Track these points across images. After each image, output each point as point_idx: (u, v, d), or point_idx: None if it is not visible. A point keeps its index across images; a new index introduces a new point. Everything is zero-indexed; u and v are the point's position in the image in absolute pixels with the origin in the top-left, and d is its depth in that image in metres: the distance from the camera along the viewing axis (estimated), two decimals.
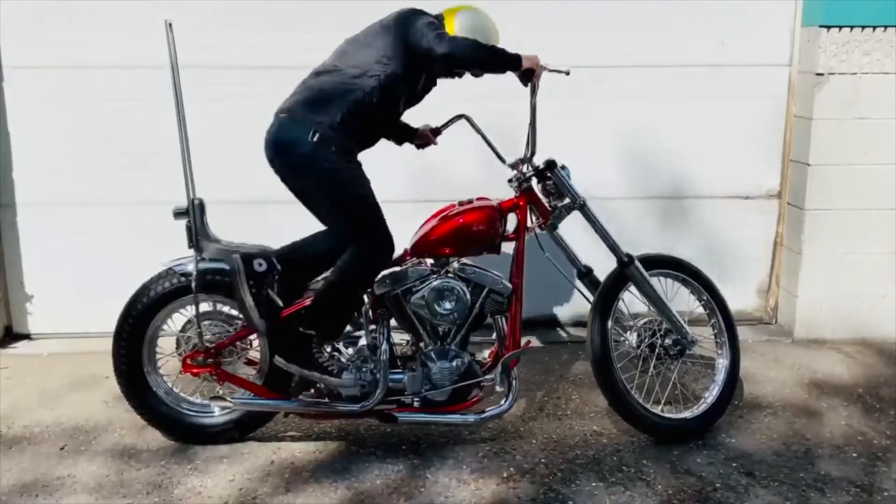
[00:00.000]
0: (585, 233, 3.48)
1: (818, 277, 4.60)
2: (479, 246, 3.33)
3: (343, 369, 3.30)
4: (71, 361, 4.29)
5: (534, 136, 3.33)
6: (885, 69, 4.35)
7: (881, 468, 3.29)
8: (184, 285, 3.27)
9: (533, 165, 3.38)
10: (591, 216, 3.42)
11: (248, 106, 4.41)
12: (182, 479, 3.18)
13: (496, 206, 3.36)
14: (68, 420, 3.67)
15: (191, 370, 3.34)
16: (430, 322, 3.31)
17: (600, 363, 3.40)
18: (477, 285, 3.32)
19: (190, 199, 3.22)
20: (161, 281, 3.32)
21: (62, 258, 4.57)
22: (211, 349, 3.31)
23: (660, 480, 3.19)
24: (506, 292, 3.32)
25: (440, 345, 3.33)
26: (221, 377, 3.35)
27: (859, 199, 4.49)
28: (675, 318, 3.48)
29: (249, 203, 4.43)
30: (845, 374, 4.20)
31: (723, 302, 3.62)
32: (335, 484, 3.14)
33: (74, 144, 4.47)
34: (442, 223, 3.31)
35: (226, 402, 3.32)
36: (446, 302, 3.27)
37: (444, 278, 3.28)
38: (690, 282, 3.60)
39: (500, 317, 3.38)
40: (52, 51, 4.36)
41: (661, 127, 4.64)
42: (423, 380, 3.31)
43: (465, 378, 3.31)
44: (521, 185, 3.38)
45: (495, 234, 3.33)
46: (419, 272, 3.31)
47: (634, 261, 3.42)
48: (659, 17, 4.52)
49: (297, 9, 4.39)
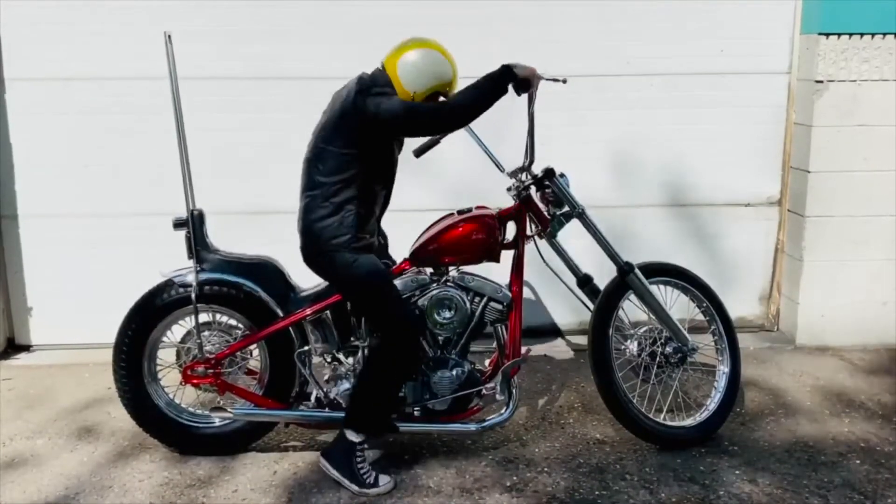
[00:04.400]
0: (585, 240, 3.48)
1: (819, 284, 4.60)
2: (479, 255, 3.33)
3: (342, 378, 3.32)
4: (73, 372, 4.29)
5: (532, 145, 3.32)
6: (884, 76, 4.37)
7: (884, 475, 3.28)
8: (183, 296, 3.27)
9: (532, 174, 3.38)
10: (590, 224, 3.42)
11: (249, 118, 4.46)
12: (185, 490, 3.18)
13: (495, 215, 3.36)
14: (69, 430, 3.67)
15: (191, 381, 3.34)
16: (430, 331, 3.30)
17: (602, 373, 3.40)
18: (477, 294, 3.32)
19: (189, 210, 3.23)
20: (160, 292, 3.31)
21: (63, 269, 4.58)
22: (211, 359, 3.31)
23: (663, 489, 3.18)
24: (506, 301, 3.33)
25: (440, 353, 3.33)
26: (222, 388, 3.35)
27: (859, 205, 4.50)
28: (675, 326, 3.47)
29: (250, 213, 4.44)
30: (847, 381, 4.19)
31: (723, 309, 3.62)
32: (338, 494, 3.14)
33: (76, 156, 4.48)
34: (441, 232, 3.30)
35: (226, 412, 3.31)
36: (446, 311, 3.27)
37: (444, 287, 3.29)
38: (690, 289, 3.60)
39: (500, 325, 3.38)
40: (54, 63, 4.39)
41: (662, 135, 4.65)
42: (423, 389, 3.30)
43: (466, 387, 3.31)
44: (520, 193, 3.37)
45: (494, 242, 3.32)
46: (419, 281, 3.31)
47: (634, 269, 3.42)
48: (658, 27, 4.53)
49: (299, 20, 4.41)
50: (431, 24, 4.33)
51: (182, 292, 3.27)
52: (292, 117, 3.72)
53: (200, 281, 3.24)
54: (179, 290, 3.28)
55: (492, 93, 3.04)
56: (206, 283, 3.27)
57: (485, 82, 3.05)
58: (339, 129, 3.07)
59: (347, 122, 3.05)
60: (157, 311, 3.32)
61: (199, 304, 3.25)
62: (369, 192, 3.15)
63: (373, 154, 3.11)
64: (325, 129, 3.12)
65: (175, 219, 3.27)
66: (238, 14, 4.38)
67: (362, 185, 3.10)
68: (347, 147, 3.06)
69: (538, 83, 3.19)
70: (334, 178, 3.07)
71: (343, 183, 3.07)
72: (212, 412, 3.35)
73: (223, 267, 3.31)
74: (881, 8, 4.28)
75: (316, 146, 3.13)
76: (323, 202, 3.09)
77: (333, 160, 3.07)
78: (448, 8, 4.41)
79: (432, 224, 3.43)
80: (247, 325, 3.38)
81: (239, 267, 3.33)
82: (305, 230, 3.16)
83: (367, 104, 3.01)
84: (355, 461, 3.15)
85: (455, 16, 4.39)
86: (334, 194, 3.07)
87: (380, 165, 3.17)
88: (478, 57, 4.54)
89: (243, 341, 3.36)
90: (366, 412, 3.17)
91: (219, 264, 3.30)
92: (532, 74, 3.14)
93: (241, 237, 3.63)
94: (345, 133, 3.06)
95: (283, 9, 4.38)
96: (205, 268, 3.28)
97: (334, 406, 3.32)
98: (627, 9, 4.50)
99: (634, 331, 3.53)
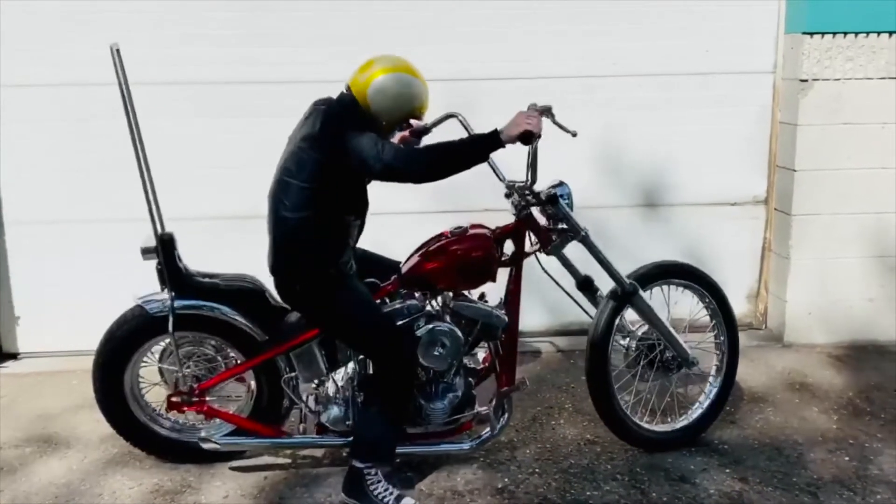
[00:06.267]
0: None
1: (806, 282, 4.62)
2: (476, 278, 3.19)
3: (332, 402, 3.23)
4: (61, 380, 4.26)
5: (535, 164, 3.11)
6: (868, 75, 4.39)
7: (873, 471, 3.30)
8: (156, 324, 3.14)
9: (534, 193, 3.19)
10: (592, 246, 3.25)
11: (234, 123, 4.44)
12: (175, 497, 3.16)
13: (491, 235, 3.21)
14: (58, 437, 3.65)
15: (177, 409, 3.26)
16: (422, 364, 3.15)
17: (600, 400, 3.37)
18: (472, 320, 3.20)
19: (157, 236, 3.08)
20: (129, 322, 3.20)
21: (50, 277, 4.55)
22: (195, 389, 3.23)
23: (654, 488, 3.19)
24: (501, 325, 3.20)
25: (433, 378, 3.20)
26: (209, 414, 3.28)
27: (845, 203, 4.53)
28: (676, 340, 3.38)
29: (235, 218, 4.41)
30: (835, 378, 4.22)
31: (729, 311, 3.54)
32: (330, 499, 3.13)
33: (61, 162, 4.46)
34: (435, 254, 3.16)
35: (214, 444, 3.24)
36: (439, 347, 3.12)
37: (436, 322, 3.14)
38: (698, 289, 3.50)
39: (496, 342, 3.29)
40: (39, 69, 4.35)
41: (647, 135, 4.66)
42: (417, 414, 3.20)
43: (460, 410, 3.23)
44: (520, 211, 3.21)
45: (492, 263, 3.18)
46: (411, 308, 3.17)
47: (638, 291, 3.31)
48: (645, 27, 4.55)
49: (282, 23, 4.40)
50: (417, 25, 4.41)
51: (154, 319, 3.14)
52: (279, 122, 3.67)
53: (176, 309, 3.11)
54: (152, 317, 3.14)
55: (473, 158, 2.87)
56: (183, 309, 3.13)
57: (467, 146, 2.88)
58: (303, 162, 2.90)
59: (313, 154, 2.89)
60: (127, 342, 3.21)
61: (177, 333, 3.13)
62: (341, 224, 3.01)
63: (342, 187, 2.94)
64: (289, 163, 2.95)
65: (143, 246, 3.09)
66: (218, 18, 4.36)
67: (334, 218, 2.97)
68: (312, 181, 2.89)
69: (540, 125, 2.89)
70: (303, 213, 2.91)
71: (311, 217, 2.92)
72: (200, 442, 3.25)
73: (199, 293, 3.17)
74: (865, 7, 4.31)
75: (281, 180, 2.97)
76: (293, 238, 2.96)
77: (298, 194, 2.90)
78: (426, 10, 4.43)
79: (424, 243, 3.26)
80: (229, 348, 3.29)
81: (216, 292, 3.20)
82: (277, 269, 3.04)
83: (335, 141, 2.86)
84: (367, 486, 3.04)
85: (437, 18, 4.42)
86: (304, 229, 2.93)
87: (350, 197, 3.01)
88: (461, 58, 4.57)
89: (226, 373, 3.28)
90: (369, 441, 3.09)
91: (195, 290, 3.16)
92: (527, 124, 2.82)
93: (228, 243, 3.61)
94: (310, 166, 2.89)
95: (267, 12, 4.37)
96: (180, 295, 3.13)
97: (323, 430, 3.25)
98: (614, 9, 4.51)
99: (631, 340, 3.42)
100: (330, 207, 2.94)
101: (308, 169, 2.90)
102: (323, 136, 2.89)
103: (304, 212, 2.92)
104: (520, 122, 2.83)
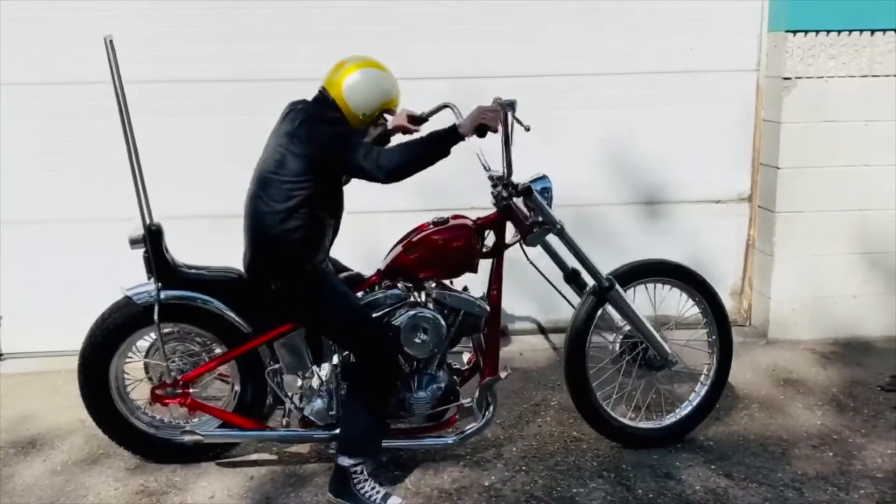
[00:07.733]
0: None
1: (790, 279, 4.65)
2: (457, 268, 3.22)
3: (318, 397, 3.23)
4: (45, 380, 4.23)
5: (509, 156, 3.13)
6: (850, 73, 4.42)
7: (857, 466, 3.33)
8: (142, 313, 3.15)
9: (512, 185, 3.19)
10: (568, 240, 3.29)
11: (222, 121, 4.42)
12: (160, 497, 3.15)
13: (472, 225, 3.25)
14: (42, 438, 3.63)
15: (161, 401, 3.26)
16: (404, 352, 3.18)
17: (577, 393, 3.41)
18: (454, 310, 3.22)
19: (145, 226, 3.09)
20: (115, 314, 3.20)
21: (35, 276, 4.52)
22: (179, 381, 3.24)
23: (640, 485, 3.21)
24: (483, 315, 3.23)
25: (416, 370, 3.23)
26: (193, 407, 3.28)
27: (829, 200, 4.56)
28: (656, 340, 3.39)
29: (219, 217, 4.38)
30: (820, 375, 4.25)
31: (722, 311, 3.54)
32: (317, 498, 3.13)
33: (45, 161, 4.41)
34: (416, 245, 3.19)
35: (197, 435, 3.23)
36: (422, 333, 3.15)
37: (419, 309, 3.18)
38: (688, 288, 3.50)
39: (478, 335, 3.30)
40: (25, 68, 4.31)
41: (634, 133, 4.68)
42: (400, 406, 3.22)
43: (444, 402, 3.25)
44: (500, 202, 3.23)
45: (473, 253, 3.22)
46: (392, 297, 3.20)
47: (615, 286, 3.32)
48: (630, 26, 4.55)
49: (275, 20, 4.38)
50: (402, 22, 4.40)
51: (140, 310, 3.14)
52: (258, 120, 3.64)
53: (163, 300, 3.12)
54: (138, 308, 3.14)
55: (437, 154, 2.93)
56: (170, 299, 3.14)
57: (432, 142, 2.94)
58: (284, 159, 2.97)
59: (295, 151, 2.95)
60: (114, 334, 3.20)
61: (163, 324, 3.13)
62: (318, 223, 3.05)
63: (320, 184, 2.99)
64: (270, 160, 3.01)
65: (131, 236, 3.11)
66: (207, 16, 4.34)
67: (311, 215, 3.00)
68: (293, 177, 2.95)
69: (497, 118, 2.97)
70: (281, 207, 2.96)
71: (287, 212, 2.96)
72: (183, 436, 3.24)
73: (186, 284, 3.18)
74: (847, 5, 4.33)
75: (261, 177, 3.03)
76: (271, 234, 2.99)
77: (278, 190, 2.96)
78: (413, 7, 4.42)
79: (405, 235, 3.29)
80: (214, 341, 3.29)
81: (202, 283, 3.20)
82: (254, 267, 3.08)
83: (318, 141, 2.93)
84: (353, 484, 3.06)
85: (417, 15, 4.42)
86: (282, 224, 2.97)
87: (327, 196, 3.06)
88: (448, 57, 4.57)
89: (211, 363, 3.28)
90: (355, 436, 3.11)
91: (181, 281, 3.17)
92: (483, 118, 2.91)
93: (212, 240, 3.58)
94: (291, 163, 2.95)
95: (256, 10, 4.36)
96: (167, 285, 3.14)
97: (307, 423, 3.25)
98: (600, 7, 4.52)
99: (623, 325, 3.43)
100: (308, 204, 2.98)
101: (289, 166, 2.96)
102: (305, 134, 2.95)
103: (282, 206, 2.96)
104: (476, 117, 2.93)
